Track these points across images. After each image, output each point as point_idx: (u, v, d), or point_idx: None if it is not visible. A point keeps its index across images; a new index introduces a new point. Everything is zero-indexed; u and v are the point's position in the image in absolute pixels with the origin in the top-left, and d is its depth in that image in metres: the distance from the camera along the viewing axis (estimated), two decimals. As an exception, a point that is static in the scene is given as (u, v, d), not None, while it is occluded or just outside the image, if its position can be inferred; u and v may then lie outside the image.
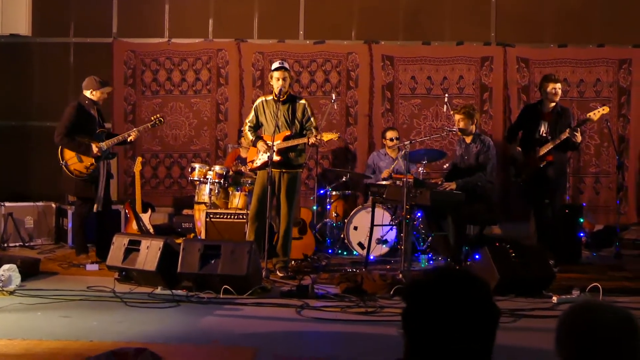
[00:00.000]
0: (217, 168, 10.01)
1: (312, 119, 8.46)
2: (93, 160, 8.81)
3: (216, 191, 9.94)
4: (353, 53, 11.46)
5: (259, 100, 8.60)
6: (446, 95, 10.60)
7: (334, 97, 10.48)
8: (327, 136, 8.42)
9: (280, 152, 8.22)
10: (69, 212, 9.84)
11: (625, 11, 11.15)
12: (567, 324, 2.24)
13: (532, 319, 6.41)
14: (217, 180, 9.91)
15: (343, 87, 11.48)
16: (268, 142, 8.21)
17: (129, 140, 9.17)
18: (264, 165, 8.23)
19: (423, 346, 2.10)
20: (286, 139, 8.27)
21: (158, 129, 11.32)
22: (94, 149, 8.79)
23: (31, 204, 10.41)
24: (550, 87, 8.88)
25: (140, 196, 10.13)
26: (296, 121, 8.38)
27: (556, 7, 11.23)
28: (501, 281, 7.08)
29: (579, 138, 8.69)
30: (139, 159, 10.30)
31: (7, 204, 10.22)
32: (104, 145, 8.85)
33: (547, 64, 11.09)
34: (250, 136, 8.48)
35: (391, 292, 7.07)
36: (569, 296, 7.00)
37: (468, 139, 9.05)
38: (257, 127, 8.55)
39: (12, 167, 11.34)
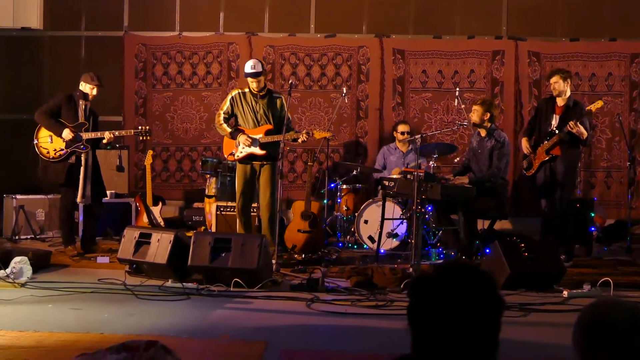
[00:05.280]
0: (227, 161, 10.03)
1: (288, 114, 8.68)
2: (63, 146, 8.83)
3: (226, 184, 9.94)
4: (364, 47, 11.45)
5: (235, 92, 8.76)
6: (457, 89, 10.57)
7: (344, 91, 10.48)
8: (319, 134, 8.68)
9: (264, 146, 8.39)
10: (80, 206, 9.85)
11: (637, 5, 11.10)
12: (583, 321, 2.24)
13: (542, 314, 6.39)
14: (227, 174, 9.93)
15: (354, 81, 11.47)
16: (252, 135, 8.52)
17: (103, 141, 8.97)
18: (246, 158, 8.52)
19: (428, 340, 2.10)
20: (268, 133, 8.41)
21: (169, 122, 11.44)
22: (65, 131, 8.77)
23: (42, 196, 10.44)
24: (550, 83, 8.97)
25: (150, 189, 10.17)
26: (276, 115, 8.52)
27: (568, 1, 11.19)
28: (511, 275, 7.06)
29: (582, 132, 8.61)
30: (150, 152, 10.34)
31: (18, 196, 10.28)
32: (82, 135, 8.84)
33: (559, 58, 11.06)
34: (227, 128, 8.62)
35: (401, 286, 7.05)
36: (579, 291, 6.98)
37: (483, 132, 9.02)
38: (229, 118, 8.67)
39: (24, 160, 11.34)
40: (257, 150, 8.41)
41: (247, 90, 8.59)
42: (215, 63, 11.69)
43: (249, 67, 8.52)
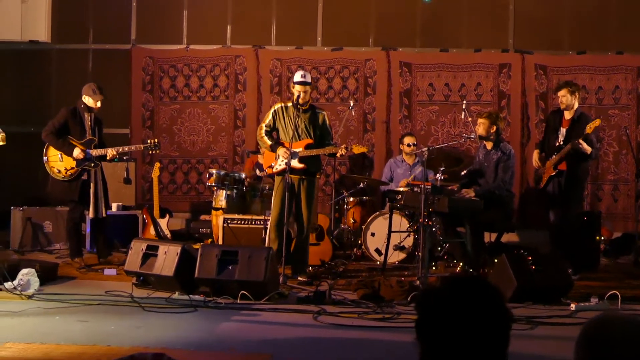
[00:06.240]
0: (234, 174, 10.03)
1: (331, 131, 8.70)
2: (74, 164, 8.87)
3: (233, 197, 9.94)
4: (371, 60, 11.47)
5: (278, 106, 8.61)
6: (464, 102, 10.58)
7: (351, 104, 10.48)
8: (357, 149, 8.55)
9: (302, 159, 8.28)
10: (87, 217, 9.86)
11: (644, 18, 11.10)
12: (585, 336, 2.23)
13: (549, 327, 6.38)
14: (234, 186, 9.93)
15: (361, 94, 11.48)
16: (290, 149, 8.26)
17: (107, 158, 9.01)
18: (284, 171, 8.27)
19: (437, 354, 2.10)
20: (308, 147, 8.33)
21: (176, 134, 11.47)
22: (76, 151, 8.83)
23: (50, 208, 10.45)
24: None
25: (158, 202, 10.19)
26: (317, 130, 8.45)
27: (575, 14, 11.19)
28: (519, 288, 7.04)
29: (586, 149, 8.60)
30: (157, 165, 10.36)
31: (26, 208, 10.29)
32: (91, 152, 8.89)
33: (566, 71, 11.06)
34: (268, 141, 8.49)
35: (408, 299, 7.05)
36: (587, 304, 6.96)
37: (489, 145, 8.99)
38: (272, 132, 8.59)
39: (31, 172, 11.40)
40: (295, 163, 8.27)
41: (289, 104, 8.51)
42: (222, 76, 11.72)
43: (299, 75, 8.42)
